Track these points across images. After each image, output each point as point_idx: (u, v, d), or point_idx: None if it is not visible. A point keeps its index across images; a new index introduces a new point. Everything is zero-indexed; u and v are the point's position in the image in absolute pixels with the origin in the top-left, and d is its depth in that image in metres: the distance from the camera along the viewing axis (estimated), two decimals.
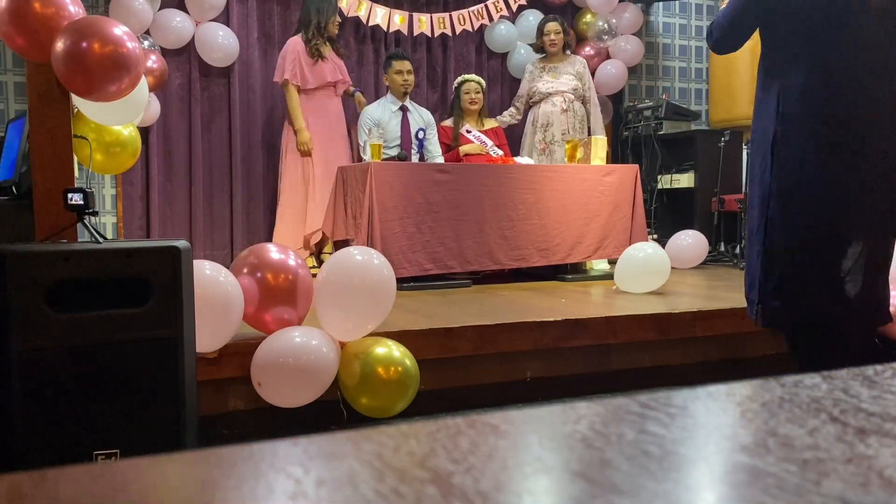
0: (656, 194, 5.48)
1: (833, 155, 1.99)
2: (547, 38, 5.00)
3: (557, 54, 5.06)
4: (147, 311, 1.74)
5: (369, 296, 2.41)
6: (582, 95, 5.07)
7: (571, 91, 4.99)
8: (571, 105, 4.98)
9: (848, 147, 1.99)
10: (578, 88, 5.02)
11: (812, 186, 1.99)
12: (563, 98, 4.98)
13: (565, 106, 4.97)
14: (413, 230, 3.81)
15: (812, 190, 1.99)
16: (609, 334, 2.91)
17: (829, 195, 1.98)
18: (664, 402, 0.41)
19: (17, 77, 4.60)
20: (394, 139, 4.67)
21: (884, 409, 0.40)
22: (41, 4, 2.09)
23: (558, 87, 4.99)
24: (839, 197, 1.98)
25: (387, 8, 5.19)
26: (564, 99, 4.98)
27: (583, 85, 5.05)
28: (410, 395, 2.35)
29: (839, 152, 1.99)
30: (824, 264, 1.99)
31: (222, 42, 4.80)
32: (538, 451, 0.35)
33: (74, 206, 1.89)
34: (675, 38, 6.32)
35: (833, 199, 1.98)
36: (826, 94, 2.00)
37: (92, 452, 1.68)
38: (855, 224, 1.99)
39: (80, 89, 2.12)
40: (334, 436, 0.36)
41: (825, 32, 2.02)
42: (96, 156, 2.53)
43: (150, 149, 4.76)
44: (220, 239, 5.01)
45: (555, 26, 5.01)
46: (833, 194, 1.98)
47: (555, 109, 4.98)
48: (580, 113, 5.05)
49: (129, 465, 0.33)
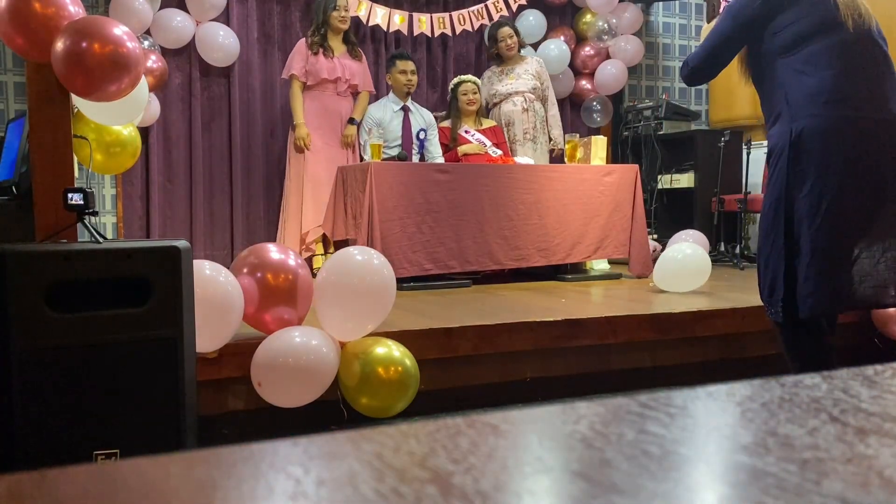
0: (656, 194, 5.48)
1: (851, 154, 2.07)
2: (502, 43, 4.97)
3: (513, 57, 5.05)
4: (147, 312, 1.74)
5: (369, 296, 2.41)
6: (542, 95, 5.06)
7: (531, 91, 4.97)
8: (532, 105, 4.98)
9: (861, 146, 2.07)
10: (538, 88, 5.00)
11: (835, 184, 2.06)
12: (524, 98, 4.96)
13: (525, 105, 4.96)
14: (413, 230, 3.81)
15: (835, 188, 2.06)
16: (609, 334, 2.91)
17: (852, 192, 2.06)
18: (664, 402, 0.41)
19: (16, 77, 4.60)
20: (395, 139, 4.67)
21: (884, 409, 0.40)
22: (41, 4, 2.09)
23: (518, 87, 4.97)
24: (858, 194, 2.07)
25: (387, 8, 5.19)
26: (525, 99, 4.96)
27: (542, 84, 5.04)
28: (410, 395, 2.35)
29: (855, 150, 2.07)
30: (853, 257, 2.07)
31: (222, 42, 4.80)
32: (538, 451, 0.35)
33: (74, 206, 1.89)
34: (675, 38, 6.32)
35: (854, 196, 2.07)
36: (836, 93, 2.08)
37: (92, 452, 1.68)
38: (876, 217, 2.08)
39: (80, 89, 2.12)
40: (334, 436, 0.36)
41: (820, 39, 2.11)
42: (96, 156, 2.53)
43: (150, 149, 4.76)
44: (220, 239, 5.01)
45: (507, 31, 4.98)
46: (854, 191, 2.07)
47: (515, 109, 4.97)
48: (541, 113, 5.04)
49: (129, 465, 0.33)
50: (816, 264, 2.06)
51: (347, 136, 4.70)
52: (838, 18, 2.10)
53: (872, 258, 2.07)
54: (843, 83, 2.07)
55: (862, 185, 2.07)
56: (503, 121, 5.00)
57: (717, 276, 4.46)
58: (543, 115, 5.09)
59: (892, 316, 3.14)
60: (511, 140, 4.97)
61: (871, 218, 2.08)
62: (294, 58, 4.61)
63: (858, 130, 2.07)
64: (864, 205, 2.08)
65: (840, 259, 2.07)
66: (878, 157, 2.08)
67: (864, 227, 2.08)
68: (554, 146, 5.08)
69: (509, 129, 4.98)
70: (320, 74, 4.57)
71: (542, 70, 5.08)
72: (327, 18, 4.60)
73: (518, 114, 4.96)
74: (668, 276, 3.69)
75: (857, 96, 2.08)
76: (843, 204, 2.05)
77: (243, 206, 5.02)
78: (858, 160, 2.07)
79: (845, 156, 2.06)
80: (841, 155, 2.06)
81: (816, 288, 2.07)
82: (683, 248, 3.74)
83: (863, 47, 2.13)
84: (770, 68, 2.19)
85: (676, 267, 3.66)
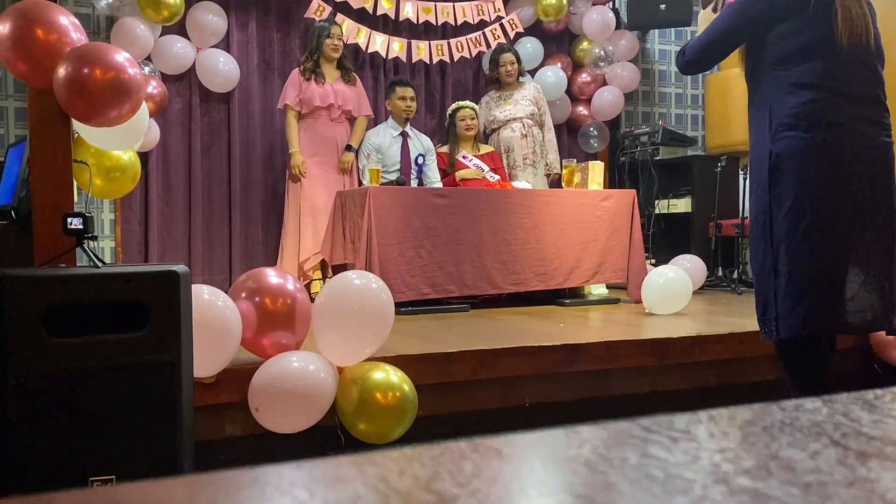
0: (654, 219, 5.50)
1: (830, 176, 2.07)
2: (503, 68, 5.03)
3: (512, 83, 5.09)
4: (145, 336, 1.73)
5: (367, 320, 2.40)
6: (539, 120, 5.10)
7: (529, 116, 5.02)
8: (530, 130, 5.02)
9: (841, 169, 2.08)
10: (535, 114, 5.05)
11: (813, 206, 2.07)
12: (522, 124, 5.01)
13: (524, 131, 5.01)
14: (411, 254, 3.81)
15: (812, 209, 2.07)
16: (608, 359, 2.91)
17: (830, 214, 2.07)
18: (666, 426, 0.41)
19: (17, 102, 4.63)
20: (393, 164, 4.70)
21: (885, 433, 0.40)
22: (44, 31, 2.12)
23: (515, 113, 5.02)
24: (838, 216, 2.08)
25: (386, 35, 5.24)
26: (523, 125, 5.01)
27: (539, 110, 5.08)
28: (409, 420, 2.34)
29: (835, 173, 2.08)
30: (835, 279, 2.08)
31: (223, 68, 4.84)
32: (542, 475, 0.35)
33: (74, 231, 1.89)
34: (670, 64, 6.38)
35: (832, 218, 2.08)
36: (819, 115, 2.09)
37: (88, 478, 1.67)
38: (857, 240, 2.08)
39: (82, 115, 2.13)
40: (339, 459, 0.36)
41: (815, 58, 2.11)
42: (96, 180, 2.54)
43: (150, 173, 4.77)
44: (219, 263, 5.01)
45: (509, 57, 5.03)
46: (833, 213, 2.08)
47: (514, 135, 5.01)
48: (539, 138, 5.08)
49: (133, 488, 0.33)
50: (794, 285, 2.09)
51: (344, 163, 4.72)
52: (836, 36, 2.10)
53: (855, 282, 2.08)
54: (827, 107, 2.09)
55: (842, 208, 2.08)
56: (502, 147, 5.03)
57: (715, 301, 4.46)
58: (542, 140, 5.12)
59: (891, 341, 3.14)
60: (511, 166, 5.00)
61: (853, 241, 2.08)
62: (288, 88, 4.66)
63: (837, 154, 2.08)
64: (845, 227, 2.08)
65: (820, 281, 2.08)
66: (859, 181, 2.09)
67: (846, 249, 2.08)
68: (549, 171, 5.11)
69: (509, 155, 5.01)
70: (313, 102, 4.60)
71: (540, 96, 5.12)
72: (320, 45, 4.65)
73: (517, 140, 5.00)
74: (653, 298, 3.71)
75: (840, 121, 2.09)
76: (822, 226, 2.07)
77: (242, 230, 5.03)
78: (836, 183, 2.07)
79: (822, 179, 2.07)
80: (818, 178, 2.07)
81: (793, 309, 2.09)
82: (665, 272, 3.77)
83: (856, 68, 2.13)
84: (763, 77, 2.21)
85: (659, 289, 3.69)
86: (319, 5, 4.97)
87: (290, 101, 4.61)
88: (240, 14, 5.04)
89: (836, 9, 2.10)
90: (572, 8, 5.68)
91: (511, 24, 5.46)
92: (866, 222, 2.09)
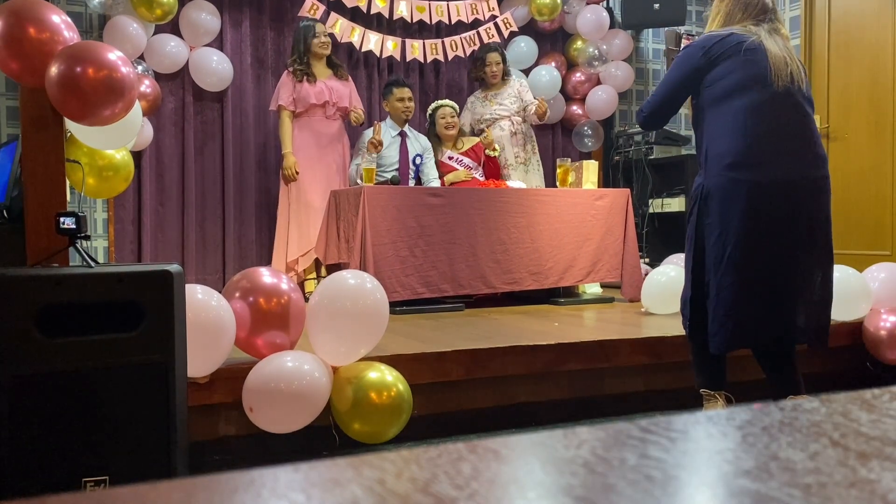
0: (648, 218, 5.50)
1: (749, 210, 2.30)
2: (488, 68, 5.01)
3: (497, 83, 5.09)
4: (138, 336, 1.73)
5: (362, 320, 2.40)
6: (525, 113, 5.09)
7: (515, 113, 5.03)
8: (519, 127, 5.04)
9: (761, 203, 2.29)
10: (521, 108, 5.05)
11: (734, 236, 2.31)
12: (511, 122, 5.02)
13: (513, 129, 5.01)
14: (406, 254, 3.81)
15: (734, 239, 2.31)
16: (602, 358, 2.91)
17: (752, 244, 2.31)
18: (665, 427, 0.41)
19: (9, 101, 4.60)
20: (392, 164, 4.70)
21: (884, 433, 0.40)
22: (36, 30, 2.10)
23: (501, 111, 5.02)
24: (758, 246, 2.31)
25: (379, 34, 5.23)
26: (512, 122, 5.02)
27: (523, 101, 5.06)
28: (403, 420, 2.34)
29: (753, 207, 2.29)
30: (755, 300, 2.32)
31: (216, 67, 4.82)
32: (541, 476, 0.35)
33: (66, 230, 1.88)
34: (664, 64, 6.39)
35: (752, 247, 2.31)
36: (745, 155, 2.30)
37: (81, 479, 1.66)
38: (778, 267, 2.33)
39: (74, 114, 2.12)
40: (336, 462, 0.36)
41: (746, 96, 2.31)
42: (89, 180, 2.52)
43: (143, 173, 4.75)
44: (212, 263, 4.99)
45: (495, 57, 5.01)
46: (754, 243, 2.31)
47: (504, 133, 5.01)
48: (529, 133, 5.11)
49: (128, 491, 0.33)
50: (722, 306, 2.32)
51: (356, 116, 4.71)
52: (768, 77, 2.29)
53: (777, 303, 2.31)
54: (752, 147, 2.28)
55: (770, 237, 2.28)
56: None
57: None
58: (532, 136, 5.13)
59: (884, 339, 3.16)
60: (503, 164, 5.00)
61: (775, 267, 2.30)
62: (280, 90, 4.65)
63: (758, 191, 2.27)
64: (773, 254, 2.29)
65: (740, 303, 2.30)
66: (786, 213, 2.28)
67: (775, 274, 2.30)
68: (535, 109, 4.95)
69: (500, 154, 5.01)
70: (308, 100, 4.59)
71: (523, 88, 5.11)
72: (309, 46, 4.63)
73: (507, 138, 5.00)
74: (653, 298, 3.71)
75: (764, 159, 2.28)
76: (747, 252, 2.28)
77: (235, 230, 5.01)
78: (758, 217, 2.28)
79: (743, 213, 2.28)
80: (738, 212, 2.28)
81: (721, 327, 2.34)
82: (667, 271, 3.77)
83: (785, 108, 2.31)
84: (703, 117, 2.41)
85: (660, 289, 3.68)
86: (313, 4, 4.96)
87: (283, 101, 4.60)
88: (233, 13, 5.02)
89: (766, 50, 2.31)
90: (566, 7, 5.68)
91: (505, 23, 5.45)
92: (789, 251, 2.30)
